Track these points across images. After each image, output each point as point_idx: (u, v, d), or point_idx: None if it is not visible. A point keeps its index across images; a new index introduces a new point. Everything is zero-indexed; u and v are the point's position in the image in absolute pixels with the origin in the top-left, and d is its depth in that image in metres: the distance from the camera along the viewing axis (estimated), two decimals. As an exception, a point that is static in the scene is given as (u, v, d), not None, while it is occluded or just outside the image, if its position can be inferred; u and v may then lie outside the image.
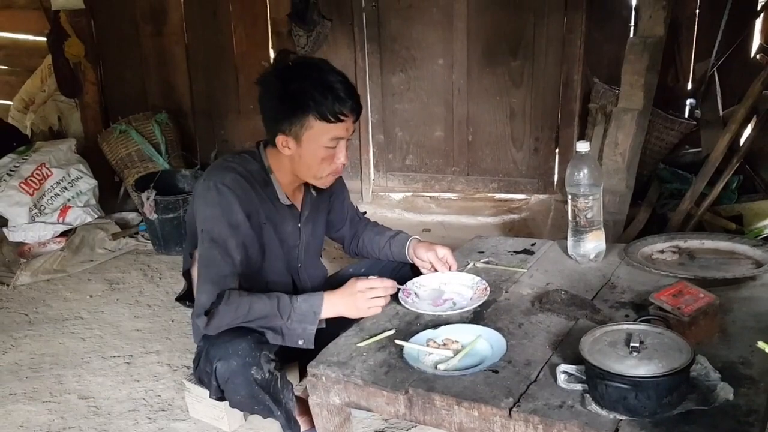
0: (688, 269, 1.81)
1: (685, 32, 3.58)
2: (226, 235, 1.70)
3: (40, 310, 3.01)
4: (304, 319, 1.68)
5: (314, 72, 1.70)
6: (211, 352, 1.72)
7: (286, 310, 1.67)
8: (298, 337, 1.68)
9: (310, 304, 1.69)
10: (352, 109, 1.71)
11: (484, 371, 1.41)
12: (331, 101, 1.67)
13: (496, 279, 1.88)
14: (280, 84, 1.71)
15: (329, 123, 1.69)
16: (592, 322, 1.58)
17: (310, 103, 1.67)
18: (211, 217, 1.71)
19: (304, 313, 1.68)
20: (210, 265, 1.70)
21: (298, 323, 1.68)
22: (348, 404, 1.51)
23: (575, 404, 1.28)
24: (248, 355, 1.67)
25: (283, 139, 1.74)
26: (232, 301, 1.67)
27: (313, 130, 1.70)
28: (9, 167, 3.76)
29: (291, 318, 1.67)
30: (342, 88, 1.69)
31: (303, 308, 1.68)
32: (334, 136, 1.71)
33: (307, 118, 1.69)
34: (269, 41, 4.14)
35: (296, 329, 1.68)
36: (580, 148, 1.88)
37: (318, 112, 1.67)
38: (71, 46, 4.21)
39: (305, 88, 1.67)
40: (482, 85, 3.91)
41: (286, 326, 1.68)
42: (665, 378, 1.20)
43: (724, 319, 1.54)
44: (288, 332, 1.69)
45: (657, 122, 3.31)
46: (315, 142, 1.72)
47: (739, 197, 3.00)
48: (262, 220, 1.80)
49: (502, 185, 4.07)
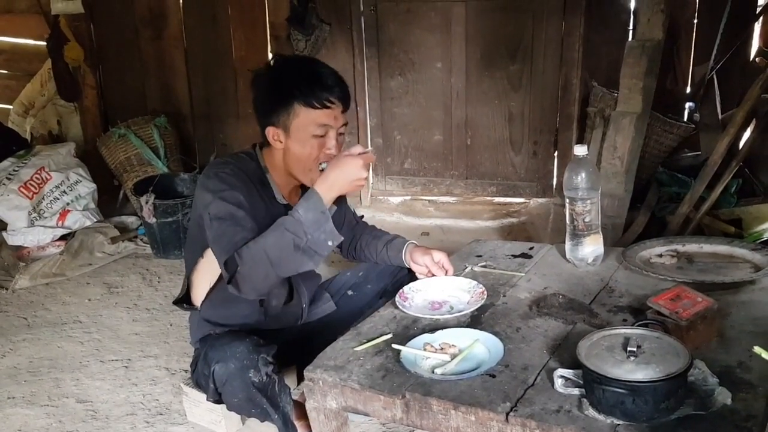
0: (686, 273, 1.81)
1: (684, 35, 3.58)
2: (233, 209, 1.70)
3: (39, 313, 3.01)
4: (318, 225, 1.63)
5: (301, 63, 1.77)
6: (209, 354, 1.72)
7: (298, 228, 1.62)
8: (325, 241, 1.64)
9: (312, 207, 1.64)
10: (338, 97, 1.73)
11: (481, 375, 1.40)
12: (316, 87, 1.70)
13: (494, 283, 1.88)
14: (267, 78, 1.76)
15: (315, 109, 1.71)
16: (589, 326, 1.57)
17: (294, 91, 1.70)
18: (213, 200, 1.72)
19: (315, 219, 1.63)
20: (220, 238, 1.69)
21: (317, 231, 1.63)
22: (345, 408, 1.51)
23: (572, 409, 1.28)
24: (246, 358, 1.67)
25: (273, 131, 1.76)
26: (244, 257, 1.63)
27: (300, 118, 1.72)
28: (8, 171, 3.76)
29: (307, 232, 1.62)
30: (328, 75, 1.73)
31: (310, 217, 1.63)
32: (321, 123, 1.73)
33: (293, 106, 1.71)
34: (268, 45, 4.14)
35: (320, 237, 1.63)
36: (578, 151, 1.87)
37: (303, 98, 1.70)
38: (71, 50, 4.22)
39: (290, 77, 1.72)
40: (481, 89, 3.91)
41: (312, 242, 1.63)
42: (662, 383, 1.19)
43: (723, 323, 1.54)
44: (316, 245, 1.64)
45: (656, 126, 3.31)
46: (303, 130, 1.73)
47: (738, 201, 3.00)
48: (261, 214, 1.78)
49: (501, 189, 4.07)
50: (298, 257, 1.64)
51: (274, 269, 1.65)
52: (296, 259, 1.65)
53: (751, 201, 2.98)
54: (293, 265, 1.67)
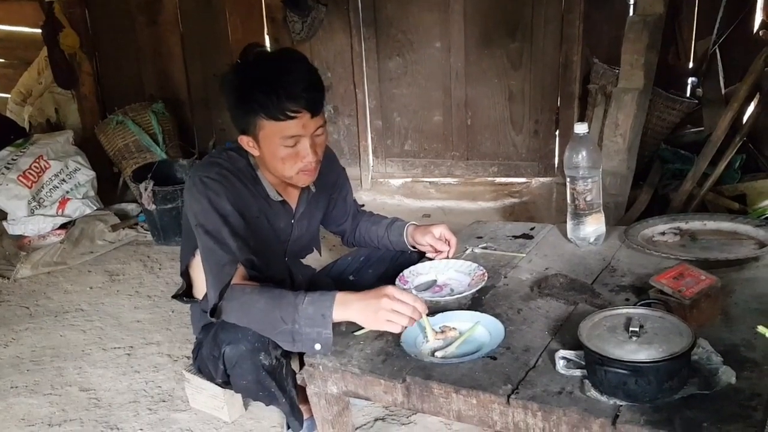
0: (689, 251, 1.79)
1: (685, 9, 3.52)
2: (219, 224, 1.66)
3: (41, 302, 3.01)
4: (313, 323, 1.47)
5: (265, 69, 1.60)
6: (220, 335, 1.69)
7: (292, 313, 1.49)
8: (313, 341, 1.48)
9: (319, 305, 1.48)
10: (305, 105, 1.58)
11: (482, 358, 1.39)
12: (276, 99, 1.56)
13: (495, 264, 1.86)
14: (231, 85, 1.64)
15: (279, 122, 1.59)
16: (591, 306, 1.55)
17: (254, 105, 1.59)
18: (200, 210, 1.68)
19: (313, 317, 1.47)
20: (209, 257, 1.67)
21: (309, 328, 1.48)
22: (346, 393, 1.50)
23: (574, 390, 1.26)
24: (257, 341, 1.64)
25: (246, 140, 1.69)
26: (229, 307, 1.60)
27: (265, 131, 1.62)
28: (7, 160, 3.75)
29: (297, 322, 1.48)
30: (293, 82, 1.57)
31: (310, 311, 1.47)
32: (287, 135, 1.61)
33: (256, 119, 1.61)
34: (265, 28, 4.10)
35: (309, 334, 1.48)
36: (578, 129, 1.84)
37: (263, 111, 1.59)
38: (66, 37, 4.19)
39: (252, 86, 1.58)
40: (480, 68, 3.87)
41: (298, 332, 1.49)
42: (665, 363, 1.18)
43: (726, 301, 1.52)
44: (301, 338, 1.49)
45: (658, 102, 3.27)
46: (270, 142, 1.63)
47: (742, 176, 2.96)
48: (254, 214, 1.75)
49: (502, 169, 4.03)
50: (278, 336, 1.54)
51: (251, 327, 1.60)
52: (275, 336, 1.54)
53: (755, 176, 2.93)
54: (271, 336, 1.57)
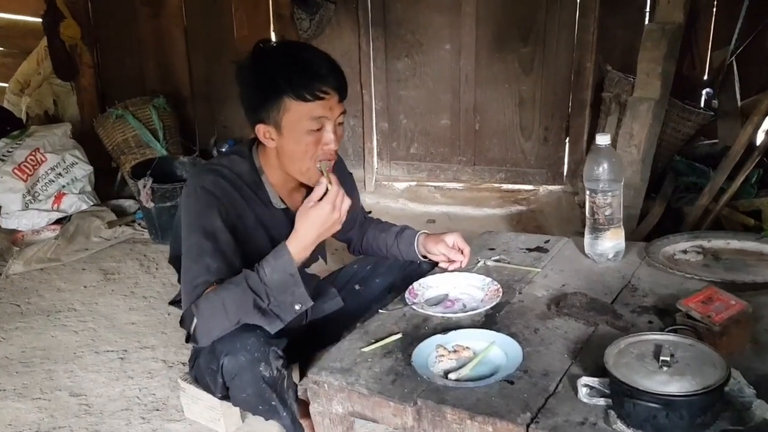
0: (713, 272, 1.71)
1: (702, 18, 3.44)
2: (201, 242, 1.57)
3: (33, 300, 2.91)
4: (284, 288, 1.49)
5: (288, 50, 1.58)
6: (217, 347, 1.60)
7: (261, 289, 1.48)
8: (292, 305, 1.50)
9: (280, 267, 1.49)
10: (333, 86, 1.55)
11: (499, 382, 1.31)
12: (306, 78, 1.52)
13: (509, 279, 1.78)
14: (251, 70, 1.58)
15: (307, 102, 1.53)
16: (613, 328, 1.48)
17: (282, 84, 1.53)
18: (187, 224, 1.61)
19: (281, 282, 1.48)
20: (185, 273, 1.59)
21: (283, 295, 1.49)
22: (352, 414, 1.41)
23: (598, 421, 1.18)
24: (257, 351, 1.55)
25: (264, 129, 1.61)
26: (202, 308, 1.52)
27: (291, 113, 1.55)
28: (2, 152, 3.66)
29: (270, 294, 1.48)
30: (320, 62, 1.55)
31: (276, 278, 1.48)
32: (315, 116, 1.55)
33: (282, 101, 1.54)
34: (271, 25, 4.03)
35: (285, 300, 1.49)
36: (600, 140, 1.76)
37: (293, 91, 1.52)
38: (67, 27, 4.11)
39: (277, 68, 1.54)
40: (491, 72, 3.79)
41: (274, 305, 1.49)
42: (699, 396, 1.10)
43: (756, 327, 1.44)
44: (280, 309, 1.50)
45: (673, 112, 3.19)
46: (296, 126, 1.56)
47: (758, 192, 2.89)
48: (251, 224, 1.67)
49: (510, 175, 3.96)
50: (257, 318, 1.50)
51: (230, 324, 1.52)
52: (255, 320, 1.51)
53: (771, 192, 2.86)
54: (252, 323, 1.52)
